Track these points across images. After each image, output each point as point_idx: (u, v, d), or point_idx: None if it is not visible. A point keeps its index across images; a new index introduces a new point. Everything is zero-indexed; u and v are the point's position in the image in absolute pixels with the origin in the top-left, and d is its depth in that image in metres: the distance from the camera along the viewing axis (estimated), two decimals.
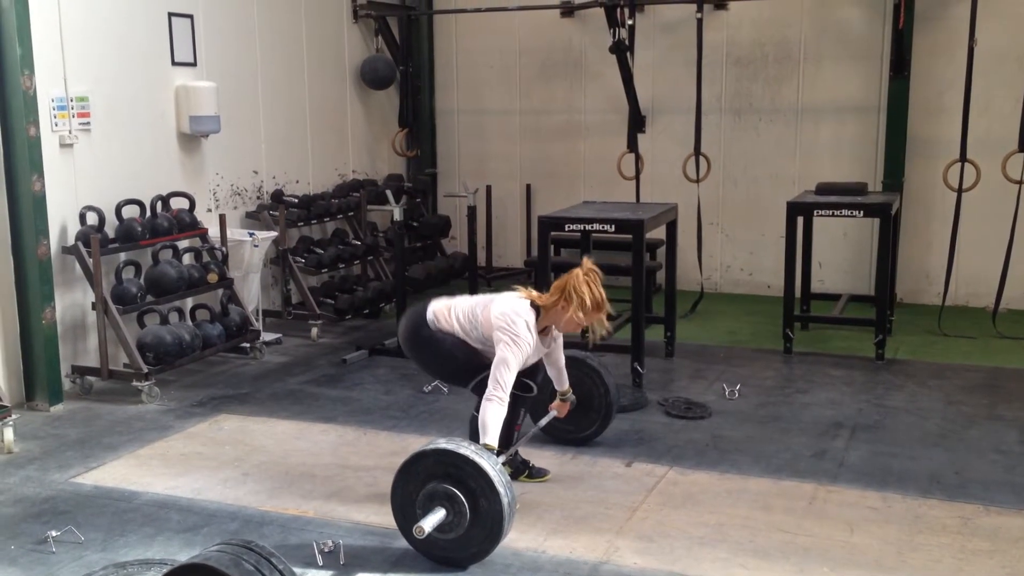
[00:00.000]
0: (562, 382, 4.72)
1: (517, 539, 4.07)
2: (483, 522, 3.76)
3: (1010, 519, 4.25)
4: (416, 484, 3.84)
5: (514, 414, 4.53)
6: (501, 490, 3.72)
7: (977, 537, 4.08)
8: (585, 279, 4.20)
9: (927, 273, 8.39)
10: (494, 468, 3.75)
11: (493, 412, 4.03)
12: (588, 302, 4.17)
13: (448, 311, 4.38)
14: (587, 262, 4.29)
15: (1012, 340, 7.23)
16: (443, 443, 3.84)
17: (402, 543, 4.01)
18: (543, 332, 4.31)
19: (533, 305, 4.24)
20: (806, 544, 4.03)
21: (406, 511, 3.88)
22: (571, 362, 4.92)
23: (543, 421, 4.76)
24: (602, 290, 4.25)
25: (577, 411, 4.95)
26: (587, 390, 5.06)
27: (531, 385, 4.54)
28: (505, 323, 4.15)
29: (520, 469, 4.72)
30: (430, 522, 3.73)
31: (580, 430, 5.12)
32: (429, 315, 4.40)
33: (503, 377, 4.07)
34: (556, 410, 4.78)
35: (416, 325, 4.42)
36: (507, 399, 4.08)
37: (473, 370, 4.30)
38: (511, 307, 4.21)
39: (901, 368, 6.60)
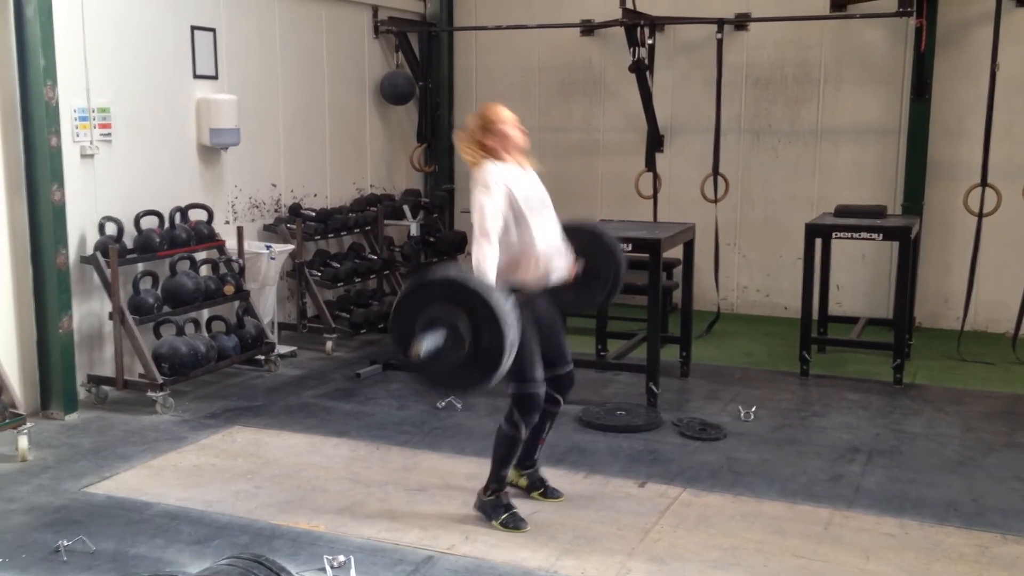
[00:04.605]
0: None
1: (528, 559, 4.05)
2: (482, 355, 3.67)
3: None
4: (419, 309, 3.74)
5: (540, 427, 4.46)
6: (505, 324, 3.61)
7: (995, 566, 4.02)
8: (472, 115, 4.32)
9: (946, 297, 8.33)
10: (501, 305, 3.65)
11: (482, 253, 3.99)
12: (492, 114, 4.27)
13: None
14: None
15: None
16: (452, 273, 3.80)
17: (413, 559, 4.01)
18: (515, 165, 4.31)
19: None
20: (821, 570, 3.98)
21: (405, 334, 3.75)
22: (573, 230, 4.80)
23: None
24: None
25: (584, 280, 4.78)
26: (591, 257, 4.84)
27: (559, 399, 4.51)
28: (473, 184, 4.17)
29: (536, 485, 4.70)
30: (428, 343, 3.64)
31: (592, 299, 4.97)
32: None
33: (482, 223, 4.03)
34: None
35: None
36: (494, 241, 4.03)
37: (519, 375, 4.19)
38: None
39: (919, 393, 6.55)
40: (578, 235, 4.77)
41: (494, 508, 4.34)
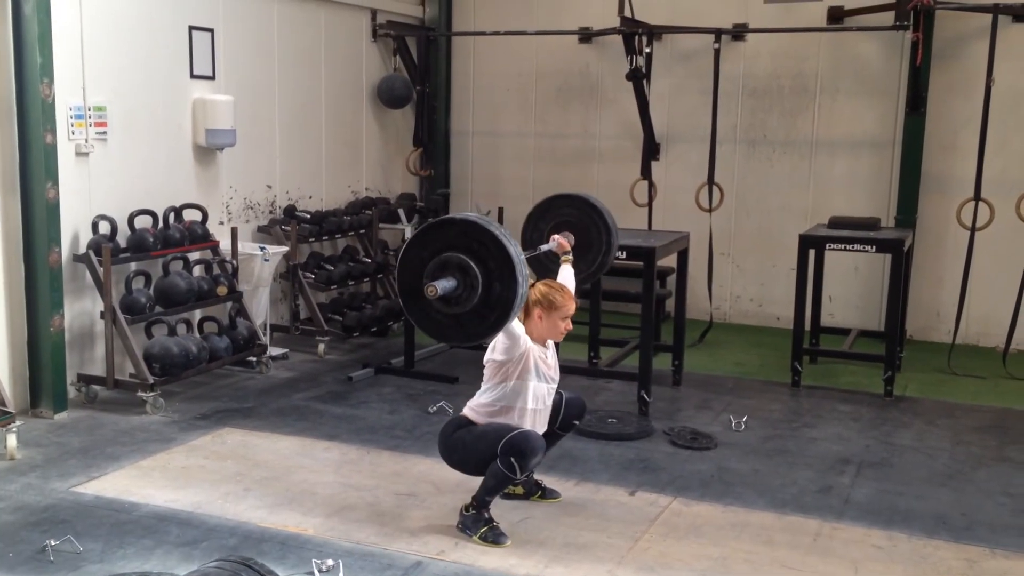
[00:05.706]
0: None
1: (517, 566, 4.04)
2: (491, 306, 3.61)
3: (1017, 563, 4.19)
4: (432, 250, 3.65)
5: (547, 445, 4.46)
6: (519, 279, 3.57)
7: None
8: (543, 285, 4.36)
9: (938, 310, 8.35)
10: (518, 256, 3.61)
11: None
12: (562, 304, 4.30)
13: (475, 397, 4.42)
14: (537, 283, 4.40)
15: (1022, 381, 7.17)
16: (473, 217, 3.71)
17: (402, 564, 4.00)
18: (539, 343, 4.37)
19: None
20: None
21: (415, 274, 3.69)
22: (567, 200, 4.79)
23: (543, 247, 4.69)
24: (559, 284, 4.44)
25: (576, 251, 4.88)
26: (585, 228, 4.87)
27: (575, 424, 4.61)
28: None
29: (533, 490, 4.70)
30: (443, 284, 3.57)
31: (579, 271, 4.98)
32: (464, 411, 4.42)
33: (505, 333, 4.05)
34: (556, 243, 4.75)
35: (450, 427, 4.42)
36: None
37: (501, 438, 4.21)
38: None
39: (909, 406, 6.56)
40: (570, 204, 4.78)
41: (475, 522, 4.30)
